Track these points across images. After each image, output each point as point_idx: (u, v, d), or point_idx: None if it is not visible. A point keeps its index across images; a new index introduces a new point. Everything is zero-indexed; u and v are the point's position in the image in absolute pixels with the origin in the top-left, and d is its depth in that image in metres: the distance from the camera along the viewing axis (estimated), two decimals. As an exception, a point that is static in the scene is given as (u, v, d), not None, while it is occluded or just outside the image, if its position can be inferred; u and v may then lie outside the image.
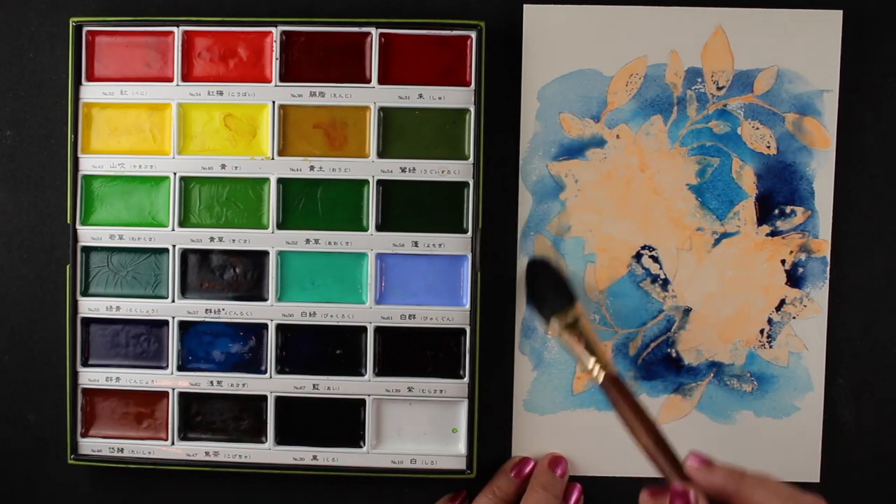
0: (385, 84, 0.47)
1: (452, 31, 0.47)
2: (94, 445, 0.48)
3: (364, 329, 0.47)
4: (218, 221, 0.47)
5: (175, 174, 0.47)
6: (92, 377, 0.48)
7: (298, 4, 0.48)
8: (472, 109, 0.46)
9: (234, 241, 0.47)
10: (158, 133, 0.47)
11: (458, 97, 0.47)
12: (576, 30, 0.47)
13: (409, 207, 0.47)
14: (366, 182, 0.47)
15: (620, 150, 0.48)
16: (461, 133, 0.47)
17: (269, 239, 0.47)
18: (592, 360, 0.43)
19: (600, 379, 0.42)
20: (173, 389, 0.47)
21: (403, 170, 0.47)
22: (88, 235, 0.47)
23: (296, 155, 0.47)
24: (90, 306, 0.47)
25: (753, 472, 0.38)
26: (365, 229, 0.47)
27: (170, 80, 0.47)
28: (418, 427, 0.47)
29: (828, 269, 0.48)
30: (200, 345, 0.48)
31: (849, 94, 0.47)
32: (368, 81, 0.47)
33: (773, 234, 0.48)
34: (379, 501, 0.49)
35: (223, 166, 0.47)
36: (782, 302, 0.48)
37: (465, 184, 0.47)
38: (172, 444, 0.48)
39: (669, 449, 0.40)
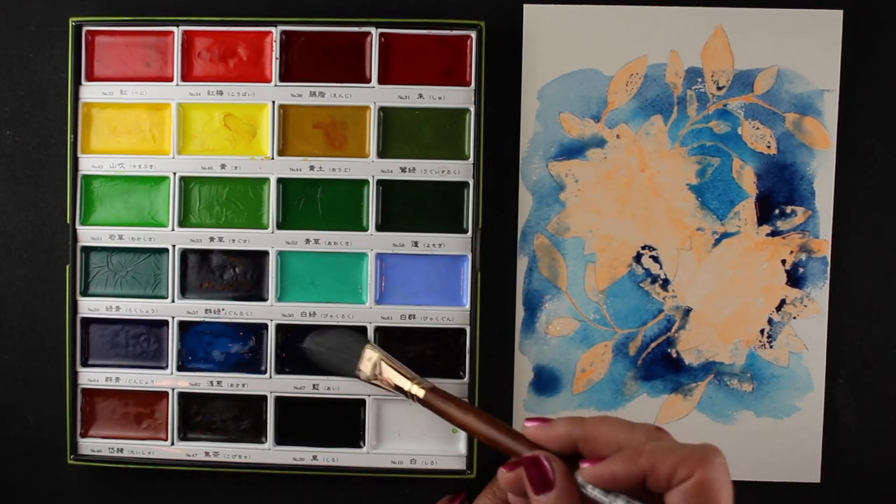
0: (385, 84, 0.47)
1: (452, 30, 0.46)
2: (93, 445, 0.48)
3: (364, 329, 0.47)
4: (218, 221, 0.47)
5: (175, 174, 0.47)
6: (92, 377, 0.48)
7: (298, 4, 0.48)
8: (472, 109, 0.46)
9: (233, 241, 0.47)
10: (158, 133, 0.47)
11: (458, 97, 0.47)
12: (576, 30, 0.47)
13: (409, 207, 0.47)
14: (366, 182, 0.47)
15: (620, 150, 0.47)
16: (461, 133, 0.47)
17: (269, 239, 0.47)
18: (408, 383, 0.44)
19: (421, 395, 0.43)
20: (173, 389, 0.47)
21: (403, 170, 0.47)
22: (88, 235, 0.47)
23: (296, 155, 0.47)
24: (90, 306, 0.47)
25: (591, 415, 0.38)
26: (365, 229, 0.47)
27: (170, 79, 0.47)
28: (418, 427, 0.47)
29: (828, 269, 0.48)
30: (200, 345, 0.48)
31: (849, 94, 0.47)
32: (368, 81, 0.47)
33: (773, 234, 0.47)
34: (379, 501, 0.49)
35: (223, 166, 0.47)
36: (782, 302, 0.48)
37: (465, 184, 0.47)
38: (172, 444, 0.48)
39: (506, 427, 0.39)
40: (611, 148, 0.47)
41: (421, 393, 0.43)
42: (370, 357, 0.45)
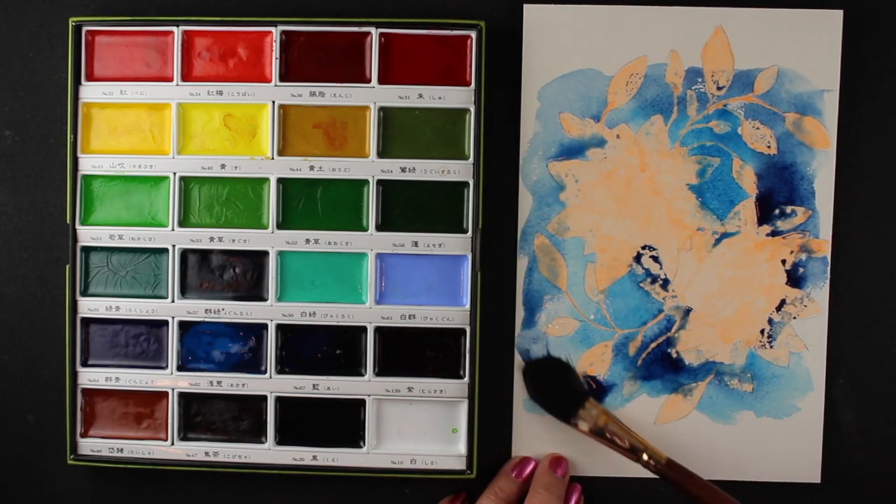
0: (385, 84, 0.47)
1: (452, 30, 0.46)
2: (93, 446, 0.48)
3: (364, 329, 0.47)
4: (218, 221, 0.47)
5: (175, 174, 0.47)
6: (91, 377, 0.48)
7: (298, 4, 0.48)
8: (472, 109, 0.46)
9: (233, 241, 0.47)
10: (158, 133, 0.47)
11: (458, 97, 0.47)
12: (576, 30, 0.47)
13: (409, 207, 0.47)
14: (366, 182, 0.47)
15: (621, 150, 0.47)
16: (461, 133, 0.47)
17: (269, 239, 0.47)
18: (643, 453, 0.44)
19: (662, 463, 0.44)
20: (173, 389, 0.47)
21: (403, 170, 0.47)
22: (88, 235, 0.47)
23: (296, 155, 0.47)
24: (90, 306, 0.47)
25: None
26: (365, 229, 0.47)
27: (169, 79, 0.47)
28: (418, 427, 0.47)
29: (828, 269, 0.48)
30: (200, 345, 0.48)
31: (849, 94, 0.47)
32: (368, 81, 0.47)
33: (773, 234, 0.47)
34: (379, 501, 0.49)
35: (223, 166, 0.47)
36: (783, 302, 0.48)
37: (465, 184, 0.47)
38: (172, 444, 0.48)
39: None
40: (611, 148, 0.47)
41: (662, 460, 0.44)
42: (593, 411, 0.46)
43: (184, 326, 0.47)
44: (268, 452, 0.47)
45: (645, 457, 0.44)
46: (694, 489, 0.43)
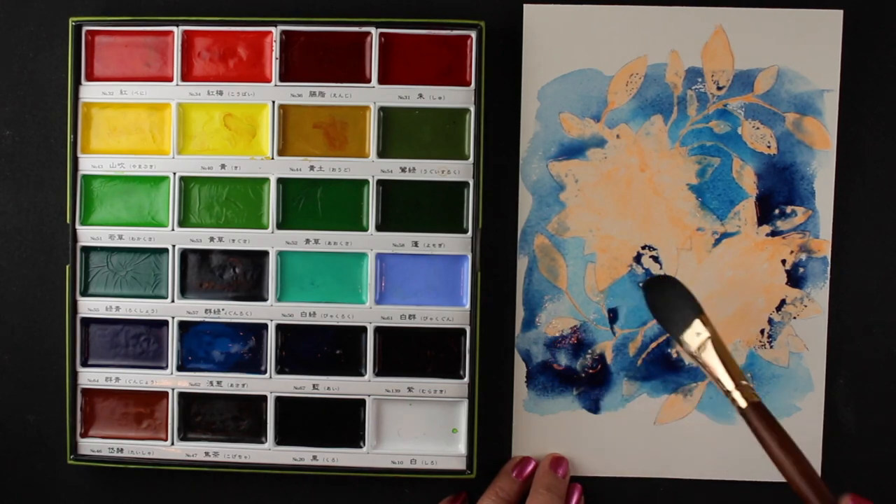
0: (385, 84, 0.47)
1: (452, 30, 0.46)
2: (93, 446, 0.48)
3: (364, 329, 0.47)
4: (218, 221, 0.47)
5: (175, 174, 0.47)
6: (91, 377, 0.48)
7: (298, 4, 0.48)
8: (472, 109, 0.46)
9: (233, 241, 0.47)
10: (158, 133, 0.47)
11: (458, 97, 0.47)
12: (576, 30, 0.47)
13: (409, 207, 0.47)
14: (366, 182, 0.47)
15: (621, 150, 0.47)
16: (461, 133, 0.47)
17: (269, 239, 0.47)
18: (731, 384, 0.41)
19: (742, 405, 0.40)
20: (173, 389, 0.47)
21: (403, 170, 0.47)
22: (88, 235, 0.47)
23: (296, 155, 0.47)
24: (90, 306, 0.47)
25: None
26: (365, 229, 0.47)
27: (169, 79, 0.47)
28: (418, 427, 0.47)
29: (828, 269, 0.48)
30: (200, 345, 0.48)
31: (849, 94, 0.47)
32: (368, 81, 0.47)
33: (773, 234, 0.47)
34: (379, 501, 0.49)
35: (223, 166, 0.47)
36: (783, 302, 0.48)
37: (465, 184, 0.47)
38: (172, 444, 0.48)
39: (820, 486, 0.38)
40: (611, 148, 0.47)
41: (743, 403, 0.40)
42: (699, 332, 0.42)
43: (184, 326, 0.47)
44: (268, 452, 0.47)
45: (734, 394, 0.41)
46: (772, 444, 0.39)
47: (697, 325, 0.42)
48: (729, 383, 0.41)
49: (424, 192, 0.47)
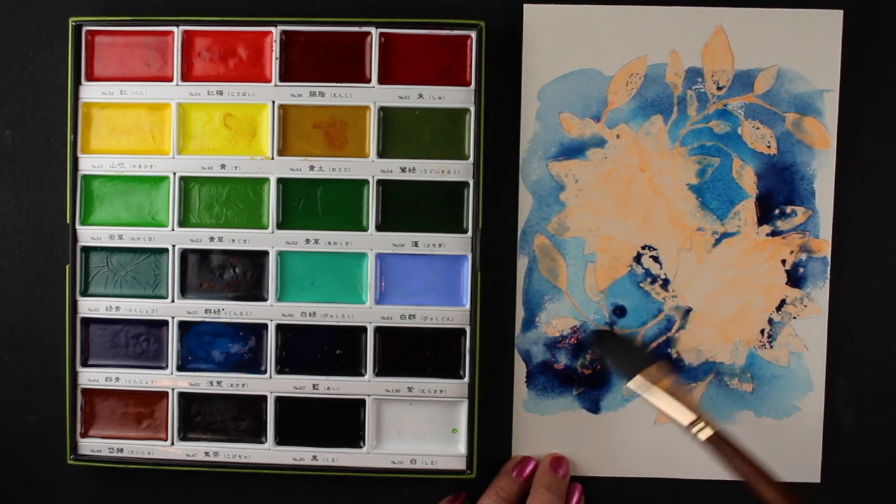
0: (385, 84, 0.47)
1: (452, 30, 0.46)
2: (93, 445, 0.48)
3: (364, 329, 0.47)
4: (218, 221, 0.47)
5: (175, 174, 0.47)
6: (91, 377, 0.48)
7: (298, 4, 0.48)
8: (472, 109, 0.46)
9: (233, 241, 0.47)
10: (158, 133, 0.47)
11: (458, 97, 0.47)
12: (576, 30, 0.47)
13: (409, 207, 0.47)
14: (366, 182, 0.47)
15: (621, 150, 0.47)
16: (461, 133, 0.47)
17: (269, 239, 0.47)
18: (692, 418, 0.44)
19: (703, 437, 0.43)
20: (173, 389, 0.47)
21: (403, 170, 0.47)
22: (88, 235, 0.47)
23: (296, 155, 0.47)
24: (90, 306, 0.47)
25: None
26: (365, 229, 0.47)
27: (169, 79, 0.47)
28: (418, 427, 0.47)
29: (828, 269, 0.48)
30: (200, 345, 0.48)
31: (849, 94, 0.47)
32: (368, 81, 0.47)
33: (773, 233, 0.47)
34: (379, 501, 0.49)
35: (223, 166, 0.47)
36: (783, 302, 0.48)
37: (465, 184, 0.47)
38: (172, 444, 0.48)
39: (788, 494, 0.41)
40: (611, 148, 0.47)
41: (703, 436, 0.43)
42: (640, 385, 0.45)
43: (184, 326, 0.47)
44: (268, 452, 0.47)
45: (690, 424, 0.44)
46: (742, 466, 0.43)
47: (638, 380, 0.45)
48: (683, 420, 0.44)
49: (424, 192, 0.47)
